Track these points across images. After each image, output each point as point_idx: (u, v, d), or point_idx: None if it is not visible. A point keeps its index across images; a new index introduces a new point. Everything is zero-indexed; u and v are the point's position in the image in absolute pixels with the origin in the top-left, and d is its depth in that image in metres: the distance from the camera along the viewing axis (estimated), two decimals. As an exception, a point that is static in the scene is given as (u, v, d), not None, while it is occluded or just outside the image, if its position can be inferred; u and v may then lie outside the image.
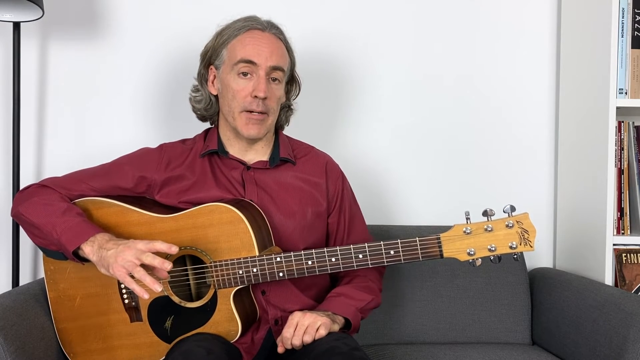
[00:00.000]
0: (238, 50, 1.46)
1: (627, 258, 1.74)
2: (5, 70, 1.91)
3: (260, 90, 1.43)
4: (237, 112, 1.46)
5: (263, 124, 1.47)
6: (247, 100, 1.45)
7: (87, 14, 1.95)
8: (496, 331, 1.83)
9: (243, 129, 1.46)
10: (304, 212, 1.50)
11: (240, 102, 1.45)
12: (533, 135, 2.06)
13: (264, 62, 1.44)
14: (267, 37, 1.47)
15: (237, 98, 1.45)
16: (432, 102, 2.04)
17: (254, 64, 1.44)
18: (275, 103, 1.49)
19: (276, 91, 1.48)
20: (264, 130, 1.48)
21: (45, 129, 1.95)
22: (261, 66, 1.44)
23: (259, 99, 1.44)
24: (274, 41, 1.48)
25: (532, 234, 1.30)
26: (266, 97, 1.44)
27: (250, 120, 1.45)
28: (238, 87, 1.45)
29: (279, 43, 1.49)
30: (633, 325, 1.43)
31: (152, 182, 1.50)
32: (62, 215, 1.38)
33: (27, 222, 1.43)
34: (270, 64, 1.45)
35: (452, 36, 2.04)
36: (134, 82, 1.96)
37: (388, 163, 2.03)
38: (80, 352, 1.46)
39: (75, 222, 1.37)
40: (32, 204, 1.43)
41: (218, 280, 1.37)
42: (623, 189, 1.79)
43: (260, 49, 1.44)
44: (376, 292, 1.51)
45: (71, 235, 1.35)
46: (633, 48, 1.75)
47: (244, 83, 1.45)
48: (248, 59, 1.44)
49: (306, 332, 1.32)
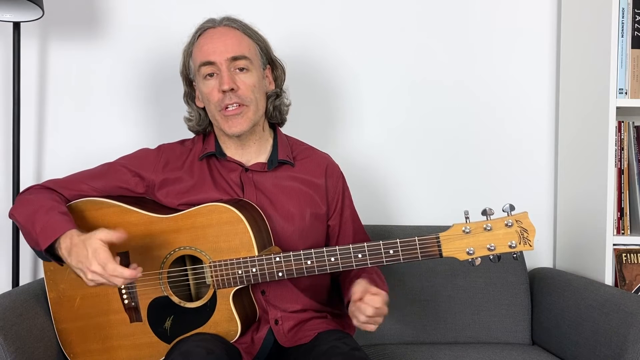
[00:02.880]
0: (196, 55, 1.47)
1: (627, 258, 1.74)
2: (5, 70, 1.92)
3: (224, 83, 1.42)
4: (216, 113, 1.46)
5: (243, 116, 1.45)
6: (219, 98, 1.44)
7: (87, 14, 1.95)
8: (496, 331, 1.83)
9: (226, 128, 1.46)
10: (302, 214, 1.49)
11: (214, 103, 1.45)
12: (533, 135, 2.06)
13: (219, 57, 1.43)
14: (219, 31, 1.47)
15: (211, 100, 1.46)
16: (431, 102, 2.04)
17: (213, 63, 1.44)
18: (250, 92, 1.45)
19: (246, 80, 1.45)
20: (248, 124, 1.46)
21: (45, 129, 1.95)
22: (220, 62, 1.43)
23: (228, 92, 1.43)
24: (227, 32, 1.47)
25: (532, 233, 1.29)
26: (233, 88, 1.43)
27: (229, 117, 1.45)
28: (208, 90, 1.46)
29: (234, 32, 1.47)
30: (633, 325, 1.43)
31: (150, 183, 1.50)
32: (44, 214, 1.36)
33: (17, 223, 1.43)
34: (227, 56, 1.43)
35: (452, 37, 2.04)
36: (133, 82, 1.97)
37: (387, 163, 2.03)
38: (80, 352, 1.46)
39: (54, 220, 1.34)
40: (23, 203, 1.43)
41: (217, 280, 1.37)
42: (623, 189, 1.78)
43: (213, 46, 1.44)
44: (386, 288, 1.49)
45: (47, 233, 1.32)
46: (633, 48, 1.75)
47: (212, 84, 1.45)
48: (206, 61, 1.44)
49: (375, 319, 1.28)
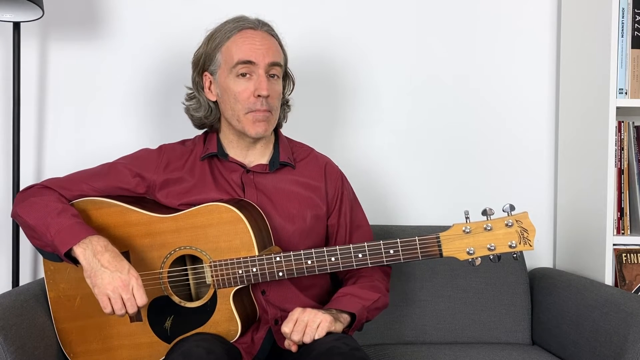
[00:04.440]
0: (234, 52, 1.45)
1: (627, 258, 1.74)
2: (5, 70, 1.92)
3: (263, 89, 1.43)
4: (242, 114, 1.45)
5: (269, 121, 1.47)
6: (251, 101, 1.44)
7: (87, 14, 1.95)
8: (496, 331, 1.83)
9: (251, 130, 1.46)
10: (303, 216, 1.50)
11: (244, 103, 1.45)
12: (533, 135, 2.06)
13: (262, 60, 1.44)
14: (260, 34, 1.47)
15: (240, 100, 1.45)
16: (431, 102, 2.04)
17: (253, 63, 1.44)
18: (277, 100, 1.49)
19: (277, 88, 1.48)
20: (270, 128, 1.49)
21: (45, 129, 1.95)
22: (260, 65, 1.44)
23: (263, 98, 1.44)
24: (268, 38, 1.48)
25: (532, 233, 1.30)
26: (269, 95, 1.44)
27: (257, 119, 1.45)
28: (239, 89, 1.45)
29: (273, 39, 1.49)
30: (633, 325, 1.43)
31: (151, 183, 1.50)
32: (56, 217, 1.37)
33: (23, 224, 1.43)
34: (268, 60, 1.45)
35: (452, 37, 2.04)
36: (134, 82, 1.96)
37: (387, 163, 2.03)
38: (80, 352, 1.46)
39: (69, 224, 1.35)
40: (29, 204, 1.42)
41: (218, 280, 1.37)
42: (623, 189, 1.78)
43: (256, 48, 1.44)
44: (383, 291, 1.50)
45: (64, 237, 1.33)
46: (633, 48, 1.75)
47: (245, 84, 1.45)
48: (246, 60, 1.44)
49: (305, 332, 1.32)
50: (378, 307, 1.48)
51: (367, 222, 1.62)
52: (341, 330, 1.37)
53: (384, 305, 1.50)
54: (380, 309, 1.50)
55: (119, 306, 1.29)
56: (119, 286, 1.29)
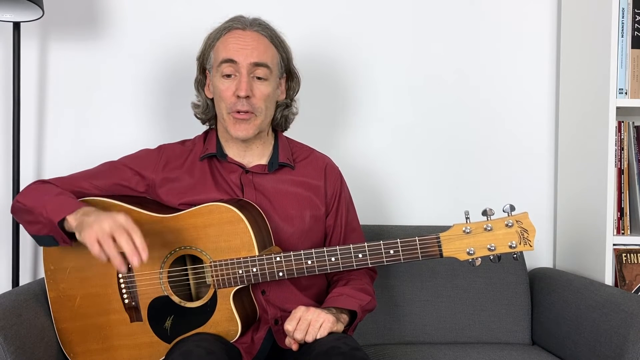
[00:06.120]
0: (220, 51, 1.46)
1: (627, 258, 1.74)
2: (5, 70, 1.92)
3: (241, 89, 1.43)
4: (225, 113, 1.47)
5: (250, 123, 1.46)
6: (232, 101, 1.45)
7: (87, 14, 1.95)
8: (496, 331, 1.83)
9: (232, 130, 1.46)
10: (302, 216, 1.50)
11: (226, 103, 1.46)
12: (533, 135, 2.06)
13: (244, 60, 1.44)
14: (249, 34, 1.47)
15: (224, 99, 1.46)
16: (431, 102, 2.04)
17: (235, 62, 1.44)
18: (262, 102, 1.47)
19: (262, 89, 1.46)
20: (253, 131, 1.47)
21: (45, 128, 1.95)
22: (242, 64, 1.44)
23: (242, 98, 1.44)
24: (256, 38, 1.47)
25: (532, 234, 1.30)
26: (248, 95, 1.44)
27: (237, 121, 1.45)
28: (223, 88, 1.46)
29: (262, 39, 1.48)
30: (633, 325, 1.43)
31: (151, 182, 1.50)
32: (55, 197, 1.38)
33: (22, 209, 1.43)
34: (250, 60, 1.44)
35: (452, 36, 2.04)
36: (134, 82, 1.96)
37: (387, 163, 2.03)
38: (80, 352, 1.46)
39: (66, 199, 1.37)
40: (29, 191, 1.45)
41: (218, 280, 1.37)
42: (623, 189, 1.79)
43: (239, 47, 1.44)
44: (372, 294, 1.51)
45: (59, 209, 1.34)
46: (633, 48, 1.75)
47: (228, 84, 1.45)
48: (228, 58, 1.44)
49: (308, 331, 1.32)
50: (369, 309, 1.49)
51: (360, 226, 1.63)
52: (342, 330, 1.38)
53: (373, 307, 1.52)
54: (369, 311, 1.51)
55: (111, 248, 1.23)
56: (108, 224, 1.24)
